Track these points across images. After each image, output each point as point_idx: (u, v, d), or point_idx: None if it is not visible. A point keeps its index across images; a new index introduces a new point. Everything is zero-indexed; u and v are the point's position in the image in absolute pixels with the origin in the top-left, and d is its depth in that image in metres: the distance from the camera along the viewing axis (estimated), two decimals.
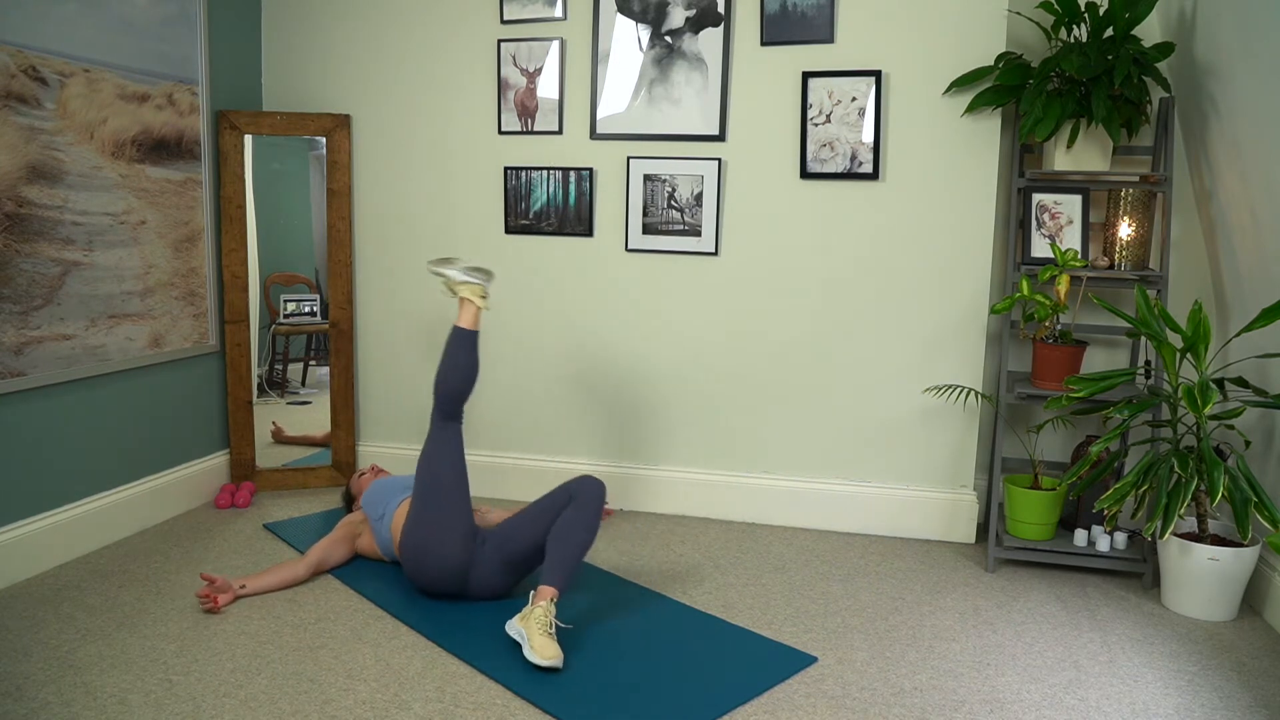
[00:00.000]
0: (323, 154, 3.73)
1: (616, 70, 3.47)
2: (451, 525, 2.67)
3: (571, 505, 2.61)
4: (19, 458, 2.82)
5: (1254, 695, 2.31)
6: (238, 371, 3.64)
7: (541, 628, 2.35)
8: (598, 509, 2.62)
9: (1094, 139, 3.03)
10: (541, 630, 2.34)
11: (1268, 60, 2.57)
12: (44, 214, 2.84)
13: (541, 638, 2.32)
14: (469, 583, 2.69)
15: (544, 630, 2.34)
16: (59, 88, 2.87)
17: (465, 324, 2.81)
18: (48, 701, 2.14)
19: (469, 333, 2.80)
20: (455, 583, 2.69)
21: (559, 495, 2.67)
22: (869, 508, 3.46)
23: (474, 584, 2.70)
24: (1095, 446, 2.84)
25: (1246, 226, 2.88)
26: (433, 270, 2.93)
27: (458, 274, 2.88)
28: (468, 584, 2.70)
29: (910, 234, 3.32)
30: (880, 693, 2.29)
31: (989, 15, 3.18)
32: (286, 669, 2.32)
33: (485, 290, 2.88)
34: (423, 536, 2.68)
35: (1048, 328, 3.08)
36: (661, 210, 3.50)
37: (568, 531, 2.54)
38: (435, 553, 2.66)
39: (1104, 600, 2.89)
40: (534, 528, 2.65)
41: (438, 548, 2.66)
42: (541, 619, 2.37)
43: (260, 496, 3.68)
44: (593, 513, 2.60)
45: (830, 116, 3.30)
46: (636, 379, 3.62)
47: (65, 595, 2.72)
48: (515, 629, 2.41)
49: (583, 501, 2.60)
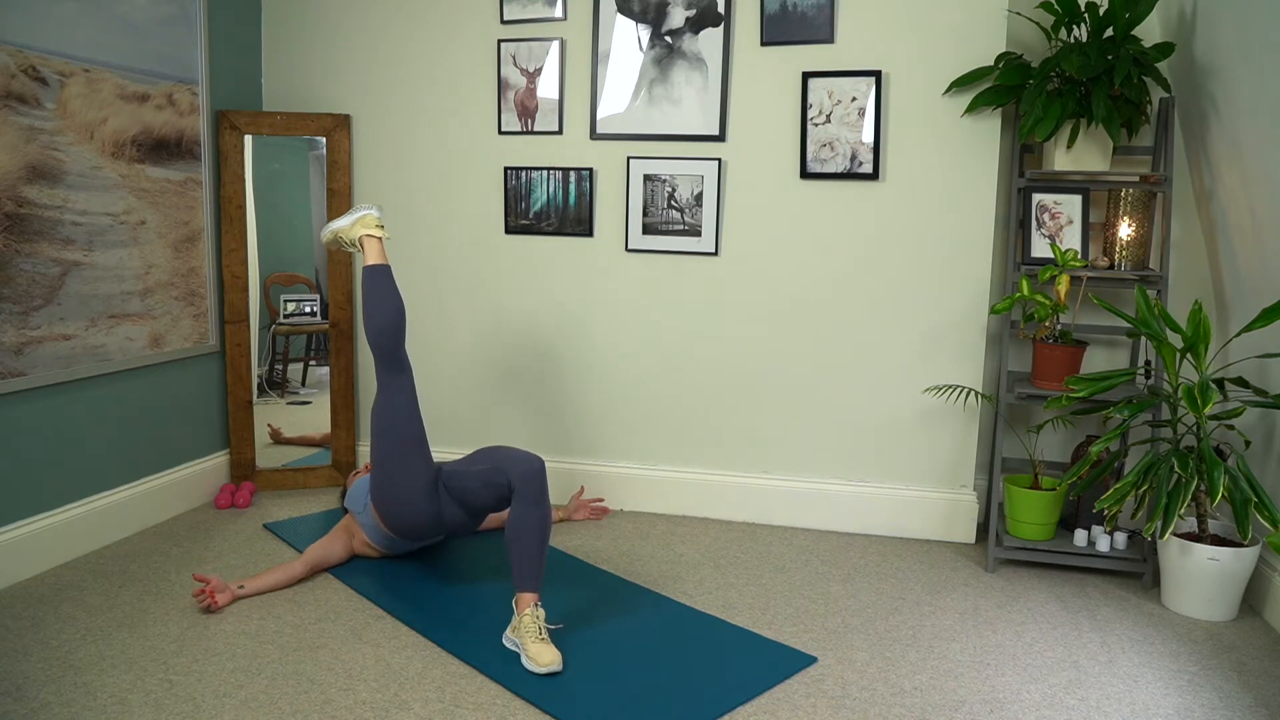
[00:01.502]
0: (323, 154, 3.73)
1: (616, 70, 3.47)
2: (416, 471, 2.73)
3: (516, 498, 2.50)
4: (19, 458, 2.82)
5: (1254, 695, 2.31)
6: (238, 371, 3.65)
7: (533, 635, 2.35)
8: (542, 491, 2.51)
9: (1094, 139, 3.03)
10: (534, 637, 2.34)
11: (1268, 60, 2.57)
12: (44, 214, 2.84)
13: (536, 645, 2.32)
14: (444, 522, 2.78)
15: (536, 637, 2.35)
16: (59, 88, 2.87)
17: (373, 259, 2.80)
18: (48, 701, 2.14)
19: (381, 267, 2.79)
20: (431, 527, 2.78)
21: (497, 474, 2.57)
22: (869, 508, 3.46)
23: (449, 523, 2.79)
24: (1095, 446, 2.84)
25: (1246, 226, 2.88)
26: (326, 241, 2.95)
27: (345, 219, 2.89)
28: (443, 524, 2.79)
29: (910, 234, 3.32)
30: (880, 693, 2.29)
31: (989, 15, 3.18)
32: (286, 669, 2.32)
33: (379, 219, 2.85)
34: (391, 486, 2.75)
35: (1048, 328, 3.08)
36: (661, 210, 3.50)
37: (521, 532, 2.46)
38: (406, 501, 2.74)
39: (1104, 600, 2.89)
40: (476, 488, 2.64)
41: (407, 496, 2.73)
42: (530, 626, 2.37)
43: (260, 496, 3.68)
44: (537, 498, 2.50)
45: (830, 116, 3.30)
46: (636, 379, 3.62)
47: (65, 595, 2.72)
48: (511, 641, 2.42)
49: (525, 492, 2.50)
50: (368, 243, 2.81)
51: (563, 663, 2.33)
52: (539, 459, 2.56)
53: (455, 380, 3.78)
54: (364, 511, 2.94)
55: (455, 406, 3.80)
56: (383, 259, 2.78)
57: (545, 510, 2.52)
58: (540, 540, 2.48)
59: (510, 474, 2.54)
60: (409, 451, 2.72)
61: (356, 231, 2.84)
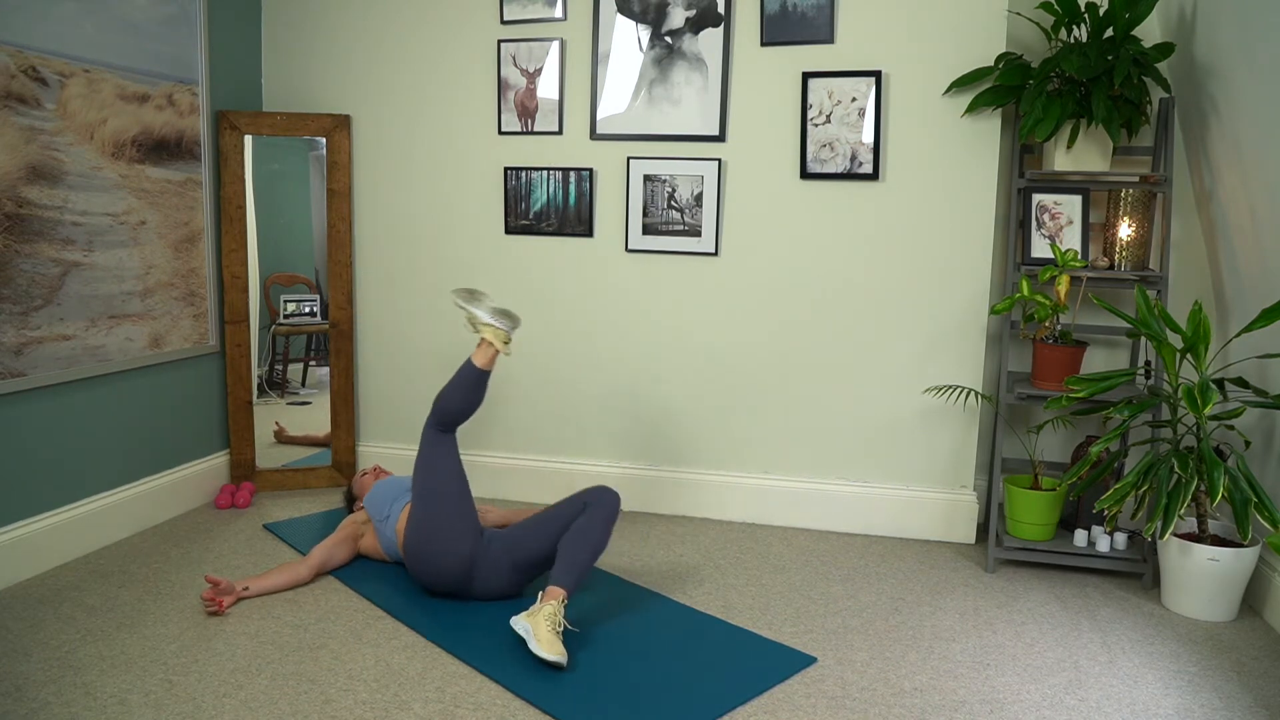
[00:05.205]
0: (323, 154, 3.73)
1: (616, 70, 3.47)
2: (456, 525, 2.68)
3: (586, 512, 2.63)
4: (19, 458, 2.82)
5: (1254, 696, 2.31)
6: (238, 372, 3.64)
7: (549, 626, 2.36)
8: (612, 517, 2.65)
9: (1094, 139, 3.03)
10: (549, 628, 2.36)
11: (1268, 60, 2.57)
12: (44, 214, 2.84)
13: (549, 635, 2.34)
14: (474, 581, 2.70)
15: (552, 628, 2.36)
16: (59, 88, 2.87)
17: (481, 363, 2.78)
18: (48, 702, 2.14)
19: (482, 371, 2.78)
20: (460, 581, 2.70)
21: (574, 503, 2.69)
22: (869, 508, 3.46)
23: (479, 583, 2.70)
24: (1095, 447, 2.84)
25: (1246, 226, 2.88)
26: (458, 304, 2.87)
27: (484, 314, 2.82)
28: (472, 583, 2.70)
29: (910, 234, 3.32)
30: (880, 693, 2.29)
31: (989, 15, 3.18)
32: (286, 669, 2.32)
33: (509, 337, 2.83)
34: (427, 537, 2.68)
35: (1048, 328, 3.08)
36: (661, 210, 3.50)
37: (582, 536, 2.57)
38: (441, 551, 2.67)
39: (1104, 600, 2.89)
40: (546, 533, 2.66)
41: (444, 546, 2.67)
42: (551, 617, 2.38)
43: (260, 497, 3.68)
44: (607, 521, 2.63)
45: (830, 117, 3.30)
46: (636, 380, 3.62)
47: (65, 595, 2.72)
48: (521, 624, 2.42)
49: (597, 509, 2.63)
50: (485, 346, 2.79)
51: (568, 662, 2.33)
52: (619, 494, 2.71)
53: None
54: (384, 521, 2.92)
55: None
56: (489, 366, 2.78)
57: (608, 533, 2.63)
58: (594, 551, 2.58)
59: (589, 498, 2.68)
60: (455, 493, 2.71)
61: (485, 333, 2.80)
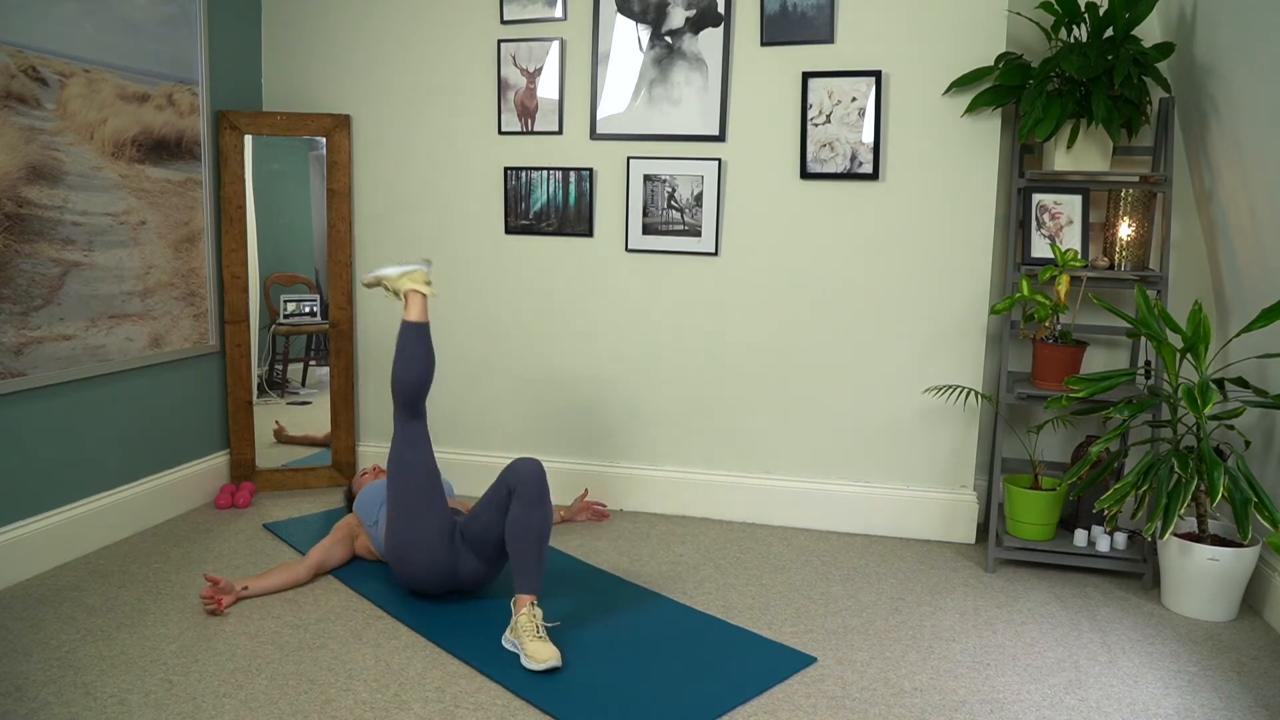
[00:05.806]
0: (323, 154, 3.73)
1: (616, 70, 3.47)
2: (431, 524, 2.63)
3: (515, 500, 2.51)
4: (19, 458, 2.82)
5: (1254, 696, 2.31)
6: (238, 372, 3.65)
7: (530, 634, 2.35)
8: (540, 495, 2.53)
9: (1094, 139, 3.03)
10: (531, 636, 2.35)
11: (1268, 60, 2.57)
12: (44, 214, 2.84)
13: (534, 643, 2.33)
14: (459, 576, 2.68)
15: (534, 635, 2.35)
16: (59, 88, 2.87)
17: (415, 317, 2.71)
18: (48, 701, 2.14)
19: (421, 325, 2.71)
20: (445, 579, 2.68)
21: (500, 488, 2.58)
22: (869, 508, 3.46)
23: (464, 576, 2.69)
24: (1095, 447, 2.84)
25: (1246, 226, 2.88)
26: (368, 283, 2.84)
27: (395, 269, 2.79)
28: (458, 578, 2.69)
29: (910, 234, 3.32)
30: (880, 693, 2.29)
31: (989, 15, 3.18)
32: (286, 669, 2.32)
33: (428, 275, 2.78)
34: (405, 539, 2.65)
35: (1048, 328, 3.08)
36: (661, 210, 3.50)
37: (520, 531, 2.48)
38: (420, 553, 2.64)
39: (1104, 600, 2.89)
40: (492, 518, 2.58)
41: (421, 549, 2.64)
42: (528, 625, 2.37)
43: (260, 497, 3.68)
44: (536, 500, 2.51)
45: (830, 117, 3.30)
46: (636, 379, 3.62)
47: (65, 595, 2.72)
48: (510, 642, 2.42)
49: (523, 493, 2.51)
50: (412, 297, 2.73)
51: (561, 660, 2.33)
52: (537, 461, 2.56)
53: (455, 380, 3.78)
54: (374, 526, 2.91)
55: (455, 407, 3.80)
56: (424, 317, 2.72)
57: (544, 511, 2.52)
58: (539, 541, 2.49)
59: (509, 479, 2.55)
60: (422, 504, 2.65)
61: (404, 284, 2.76)
